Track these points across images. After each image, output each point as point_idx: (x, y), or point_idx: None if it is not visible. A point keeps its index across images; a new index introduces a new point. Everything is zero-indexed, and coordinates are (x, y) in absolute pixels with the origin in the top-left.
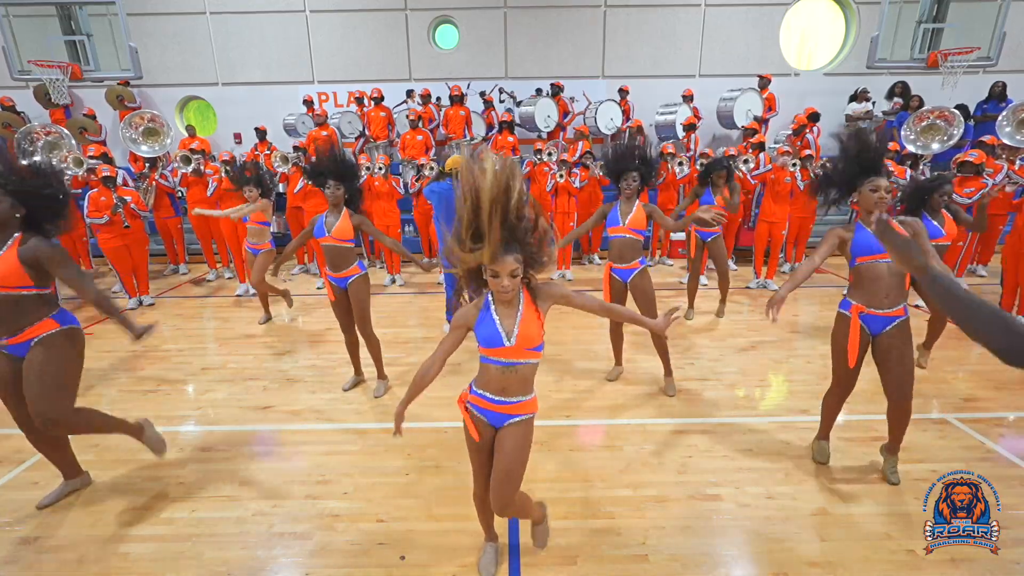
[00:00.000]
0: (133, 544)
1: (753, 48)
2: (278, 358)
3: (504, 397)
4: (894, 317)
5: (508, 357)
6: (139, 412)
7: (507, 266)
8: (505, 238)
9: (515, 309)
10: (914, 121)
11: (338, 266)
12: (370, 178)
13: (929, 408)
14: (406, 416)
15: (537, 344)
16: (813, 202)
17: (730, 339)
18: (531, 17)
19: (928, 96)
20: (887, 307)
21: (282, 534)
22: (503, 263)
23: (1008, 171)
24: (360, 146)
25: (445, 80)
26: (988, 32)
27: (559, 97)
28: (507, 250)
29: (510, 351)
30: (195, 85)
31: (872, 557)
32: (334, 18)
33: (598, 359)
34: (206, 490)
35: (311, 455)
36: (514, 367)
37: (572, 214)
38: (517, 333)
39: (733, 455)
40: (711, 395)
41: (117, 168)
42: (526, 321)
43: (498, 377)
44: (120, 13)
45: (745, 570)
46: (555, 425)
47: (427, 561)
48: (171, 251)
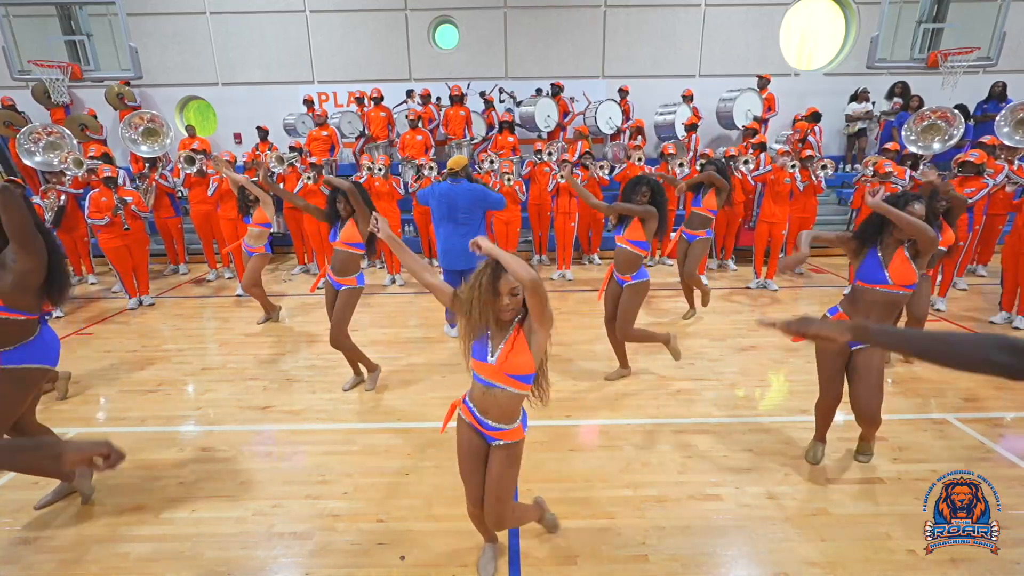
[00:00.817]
0: (133, 544)
1: (753, 48)
2: (278, 358)
3: (485, 419)
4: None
5: (488, 376)
6: (139, 412)
7: (507, 285)
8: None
9: (505, 333)
10: (914, 121)
11: (340, 271)
12: (371, 178)
13: (929, 408)
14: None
15: (520, 374)
16: (813, 202)
17: (730, 339)
18: (531, 17)
19: (928, 96)
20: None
21: (282, 534)
22: (504, 282)
23: (1008, 171)
24: (360, 146)
25: (445, 80)
26: (988, 32)
27: (559, 97)
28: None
29: (491, 369)
30: (195, 85)
31: (872, 557)
32: (334, 18)
33: (598, 359)
34: (206, 490)
35: (311, 455)
36: (492, 389)
37: (573, 214)
38: (499, 353)
39: (733, 455)
40: (711, 395)
41: (118, 168)
42: (511, 346)
43: (480, 396)
44: (120, 13)
45: (745, 570)
46: (555, 425)
47: (427, 561)
48: (171, 251)
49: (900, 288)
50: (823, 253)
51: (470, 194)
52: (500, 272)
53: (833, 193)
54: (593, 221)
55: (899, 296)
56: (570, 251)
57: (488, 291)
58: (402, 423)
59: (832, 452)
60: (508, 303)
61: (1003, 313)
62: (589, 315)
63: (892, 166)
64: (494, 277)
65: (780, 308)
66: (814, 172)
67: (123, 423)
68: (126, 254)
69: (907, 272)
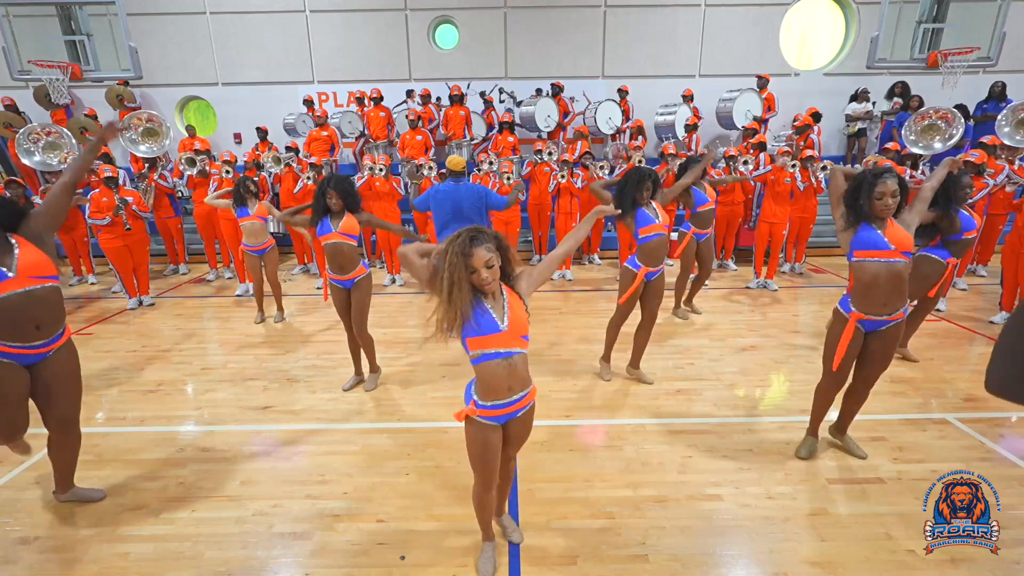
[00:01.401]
0: (133, 544)
1: (753, 48)
2: (278, 358)
3: (512, 396)
4: (891, 320)
5: (504, 345)
6: (139, 412)
7: (480, 258)
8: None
9: (501, 299)
10: (915, 121)
11: (344, 267)
12: (371, 178)
13: (929, 408)
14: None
15: (526, 332)
16: (813, 202)
17: (730, 339)
18: (531, 17)
19: (928, 96)
20: (885, 314)
21: (282, 534)
22: (476, 256)
23: (1009, 171)
24: (360, 146)
25: (445, 80)
26: (988, 32)
27: (559, 97)
28: (477, 242)
29: (505, 337)
30: (195, 85)
31: (872, 557)
32: (334, 18)
33: (598, 359)
34: (206, 490)
35: (311, 455)
36: (511, 357)
37: (574, 214)
38: (508, 318)
39: (733, 455)
40: (711, 395)
41: (118, 168)
42: (513, 307)
43: (502, 374)
44: (120, 13)
45: (745, 570)
46: (555, 425)
47: (427, 561)
48: (171, 251)
49: (900, 255)
50: (824, 253)
51: (474, 193)
52: (469, 250)
53: None
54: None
55: (900, 265)
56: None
57: (462, 272)
58: (402, 423)
59: (832, 452)
60: (487, 276)
61: (1003, 313)
62: (589, 315)
63: (892, 166)
64: (464, 256)
65: (780, 308)
66: (814, 173)
67: (123, 423)
68: (127, 254)
69: (904, 237)
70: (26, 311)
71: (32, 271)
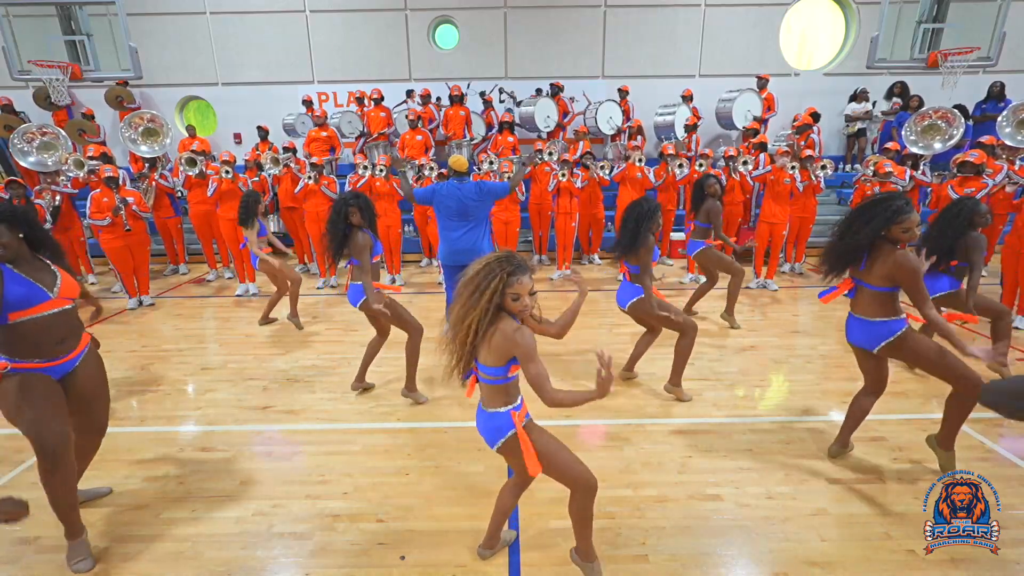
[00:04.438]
0: (133, 544)
1: (753, 48)
2: (278, 358)
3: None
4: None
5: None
6: (139, 412)
7: (525, 287)
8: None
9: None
10: (915, 121)
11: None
12: (371, 178)
13: (929, 408)
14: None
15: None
16: (813, 202)
17: (730, 339)
18: (531, 17)
19: (928, 96)
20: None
21: (282, 534)
22: (522, 285)
23: (1008, 171)
24: (360, 146)
25: (445, 80)
26: (988, 32)
27: (559, 97)
28: (521, 270)
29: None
30: (195, 85)
31: (872, 557)
32: (334, 18)
33: (598, 359)
34: (206, 490)
35: (311, 455)
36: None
37: (574, 214)
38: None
39: (733, 455)
40: (711, 395)
41: (118, 168)
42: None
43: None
44: (120, 13)
45: (745, 570)
46: (555, 425)
47: (427, 561)
48: (171, 251)
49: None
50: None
51: (478, 191)
52: (517, 276)
53: (833, 193)
54: (593, 221)
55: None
56: (570, 251)
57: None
58: (402, 423)
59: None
60: (530, 302)
61: None
62: (589, 315)
63: (892, 166)
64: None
65: (780, 308)
66: (813, 172)
67: (123, 423)
68: (127, 254)
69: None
70: (53, 329)
71: (67, 292)
